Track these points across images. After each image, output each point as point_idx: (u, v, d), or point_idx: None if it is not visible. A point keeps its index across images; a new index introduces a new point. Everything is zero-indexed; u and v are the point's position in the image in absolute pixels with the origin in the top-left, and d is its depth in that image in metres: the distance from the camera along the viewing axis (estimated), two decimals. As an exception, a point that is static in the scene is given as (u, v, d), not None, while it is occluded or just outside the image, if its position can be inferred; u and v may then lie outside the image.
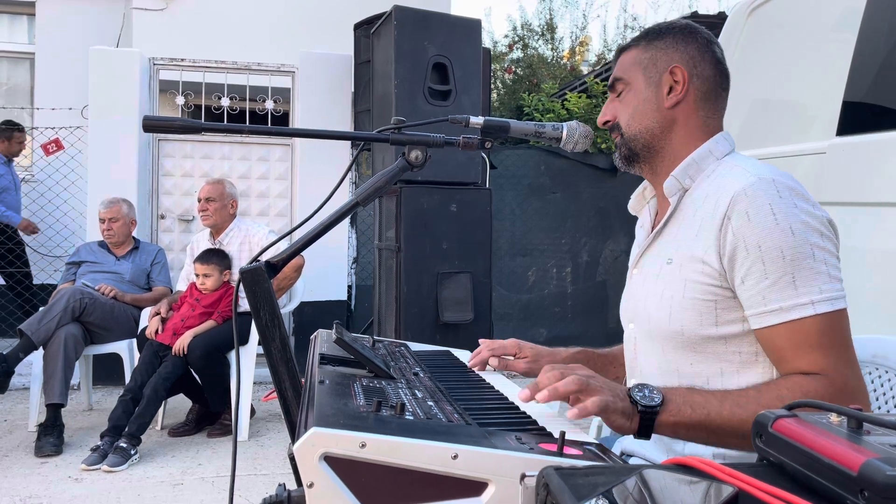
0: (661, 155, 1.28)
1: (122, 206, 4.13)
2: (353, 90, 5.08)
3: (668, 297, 1.19)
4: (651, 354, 1.26)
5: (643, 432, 1.03)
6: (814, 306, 1.06)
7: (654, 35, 1.30)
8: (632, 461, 1.31)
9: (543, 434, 0.95)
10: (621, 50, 1.35)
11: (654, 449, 1.27)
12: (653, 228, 1.34)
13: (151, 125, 1.15)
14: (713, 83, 1.28)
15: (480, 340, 1.51)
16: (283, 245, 2.77)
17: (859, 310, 1.11)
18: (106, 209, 4.08)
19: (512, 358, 1.47)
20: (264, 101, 5.31)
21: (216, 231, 3.98)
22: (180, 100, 5.21)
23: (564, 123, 1.32)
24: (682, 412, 1.04)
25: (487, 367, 1.47)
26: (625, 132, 1.30)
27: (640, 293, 1.30)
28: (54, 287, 4.12)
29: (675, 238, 1.23)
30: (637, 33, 1.39)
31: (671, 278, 1.20)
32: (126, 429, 3.32)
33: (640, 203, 1.42)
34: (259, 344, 3.94)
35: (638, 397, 1.03)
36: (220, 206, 3.92)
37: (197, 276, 3.79)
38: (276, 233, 4.16)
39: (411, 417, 0.91)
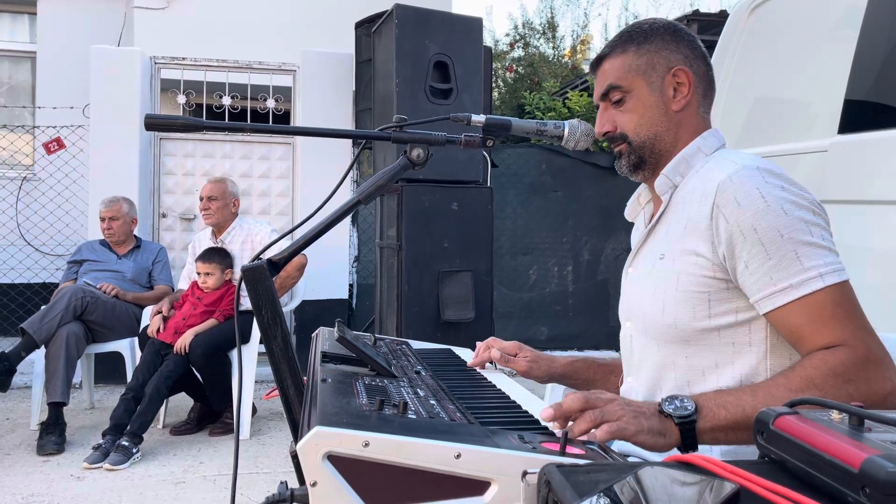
0: (667, 157, 1.27)
1: (122, 204, 4.14)
2: (354, 89, 5.08)
3: (661, 292, 1.20)
4: (647, 350, 1.27)
5: (687, 444, 1.00)
6: (822, 279, 1.06)
7: (641, 38, 1.28)
8: (630, 461, 1.31)
9: (546, 433, 0.96)
10: (602, 58, 1.32)
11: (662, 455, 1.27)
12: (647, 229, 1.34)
13: (153, 124, 1.15)
14: (708, 79, 1.29)
15: (478, 343, 1.51)
16: (284, 244, 2.77)
17: (861, 307, 1.10)
18: (106, 208, 4.09)
19: (513, 357, 1.48)
20: (265, 99, 5.31)
21: (218, 230, 3.98)
22: (181, 99, 5.21)
23: (566, 122, 1.32)
24: (717, 415, 1.02)
25: (488, 364, 1.48)
26: (633, 141, 1.27)
27: (634, 291, 1.30)
28: (56, 286, 4.13)
29: (666, 234, 1.24)
30: (610, 40, 1.34)
31: (663, 273, 1.20)
32: (128, 427, 3.33)
33: (636, 210, 1.42)
34: (261, 342, 3.93)
35: (670, 410, 1.01)
36: (223, 205, 3.92)
37: (198, 274, 3.80)
38: (278, 231, 4.16)
39: (414, 416, 0.91)
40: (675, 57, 1.26)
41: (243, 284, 1.07)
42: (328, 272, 5.17)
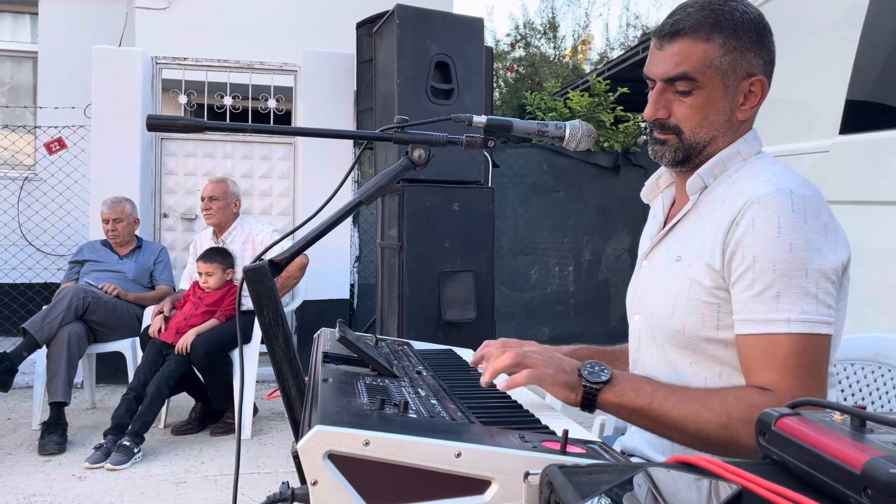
0: (709, 156, 1.22)
1: (125, 205, 4.14)
2: (355, 89, 5.08)
3: (672, 295, 1.19)
4: (653, 350, 1.26)
5: (586, 406, 1.09)
6: (788, 325, 1.04)
7: (730, 29, 1.15)
8: (632, 461, 1.31)
9: (547, 432, 0.96)
10: (680, 32, 1.16)
11: (651, 449, 1.27)
12: (666, 221, 1.32)
13: (155, 124, 1.15)
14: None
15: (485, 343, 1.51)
16: (286, 244, 2.77)
17: (862, 308, 1.11)
18: (110, 210, 4.09)
19: None
20: (267, 99, 5.31)
21: (219, 230, 3.98)
22: (183, 99, 5.21)
23: (567, 122, 1.31)
24: (626, 395, 1.08)
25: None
26: (687, 137, 1.20)
27: (647, 286, 1.29)
28: (57, 286, 4.13)
29: (688, 236, 1.21)
30: (693, 10, 1.16)
31: (678, 276, 1.19)
32: (129, 427, 3.33)
33: (654, 192, 1.38)
34: (262, 342, 3.93)
35: (585, 373, 1.09)
36: (224, 205, 3.93)
37: (200, 274, 3.80)
38: (279, 231, 4.17)
39: (415, 416, 0.91)
40: (757, 63, 1.18)
41: (245, 284, 1.07)
42: (329, 272, 5.17)
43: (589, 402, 1.08)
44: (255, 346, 3.81)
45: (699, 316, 1.15)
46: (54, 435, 3.45)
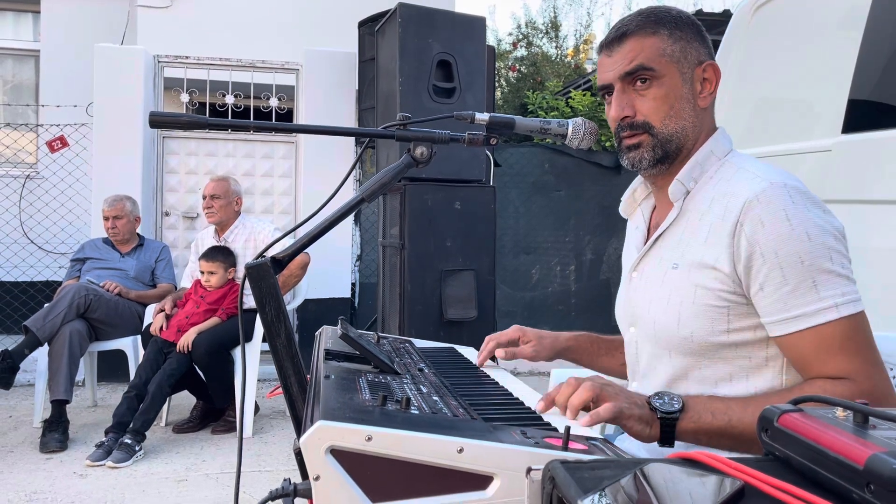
0: (685, 155, 1.23)
1: (125, 203, 4.14)
2: (357, 88, 5.08)
3: (676, 303, 1.17)
4: (657, 359, 1.24)
5: (666, 439, 1.03)
6: (837, 309, 1.04)
7: (672, 24, 1.20)
8: (634, 458, 1.30)
9: (549, 429, 0.96)
10: (627, 34, 1.21)
11: (646, 452, 1.27)
12: (649, 230, 1.32)
13: (158, 121, 1.15)
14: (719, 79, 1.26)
15: (487, 337, 1.51)
16: (287, 241, 2.77)
17: (866, 308, 1.10)
18: (110, 207, 4.09)
19: (517, 346, 1.47)
20: (268, 98, 5.31)
21: (221, 228, 3.99)
22: (185, 97, 5.22)
23: (570, 120, 1.31)
24: (702, 419, 1.04)
25: (494, 360, 1.48)
26: (659, 132, 1.20)
27: (641, 297, 1.27)
28: (59, 284, 4.13)
29: (680, 243, 1.20)
30: (632, 16, 1.23)
31: (678, 284, 1.17)
32: (130, 425, 3.33)
33: (632, 206, 1.39)
34: (264, 340, 3.93)
35: (657, 404, 1.04)
36: (225, 204, 3.93)
37: (202, 273, 3.80)
38: (280, 230, 4.17)
39: (417, 412, 0.91)
40: (703, 51, 1.22)
41: (247, 282, 1.07)
42: (330, 271, 5.17)
43: (667, 434, 1.03)
44: (256, 345, 3.81)
45: (708, 321, 1.13)
46: (56, 433, 3.46)
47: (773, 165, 1.18)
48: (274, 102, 5.30)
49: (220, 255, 3.82)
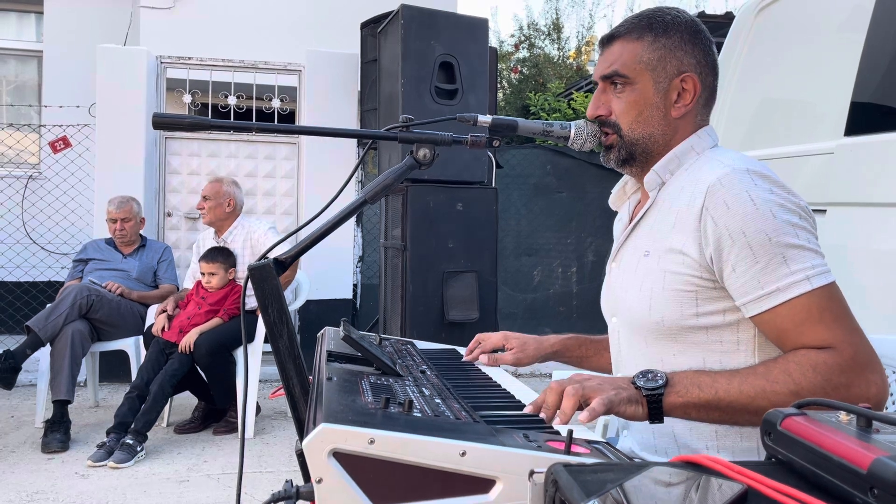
0: (657, 156, 1.26)
1: (133, 205, 4.16)
2: (359, 89, 5.08)
3: (647, 290, 1.20)
4: (635, 347, 1.27)
5: (655, 416, 1.05)
6: (810, 281, 1.06)
7: (660, 29, 1.23)
8: (636, 461, 1.31)
9: (551, 432, 0.96)
10: (614, 36, 1.26)
11: (644, 450, 1.27)
12: (630, 222, 1.34)
13: (161, 122, 1.15)
14: (712, 89, 1.27)
15: (477, 336, 1.54)
16: (288, 244, 2.78)
17: (866, 310, 1.10)
18: (118, 210, 4.09)
19: (502, 351, 1.50)
20: (271, 99, 5.32)
21: (219, 229, 3.99)
22: (187, 98, 5.22)
23: (572, 122, 1.32)
24: (689, 392, 1.06)
25: (479, 363, 1.50)
26: (626, 135, 1.25)
27: (619, 287, 1.30)
28: (61, 284, 4.14)
29: (651, 230, 1.23)
30: (630, 18, 1.28)
31: (649, 270, 1.20)
32: (132, 425, 3.34)
33: (622, 199, 1.42)
34: (265, 341, 3.92)
35: (641, 382, 1.06)
36: (215, 205, 3.92)
37: (202, 274, 3.81)
38: (276, 229, 4.17)
39: (419, 415, 0.91)
40: (688, 61, 1.23)
41: (249, 283, 1.07)
42: (332, 272, 5.17)
43: (656, 410, 1.05)
44: (258, 346, 3.81)
45: (677, 305, 1.16)
46: (57, 433, 3.46)
47: (747, 156, 1.20)
48: (276, 103, 5.30)
49: (220, 256, 3.82)
